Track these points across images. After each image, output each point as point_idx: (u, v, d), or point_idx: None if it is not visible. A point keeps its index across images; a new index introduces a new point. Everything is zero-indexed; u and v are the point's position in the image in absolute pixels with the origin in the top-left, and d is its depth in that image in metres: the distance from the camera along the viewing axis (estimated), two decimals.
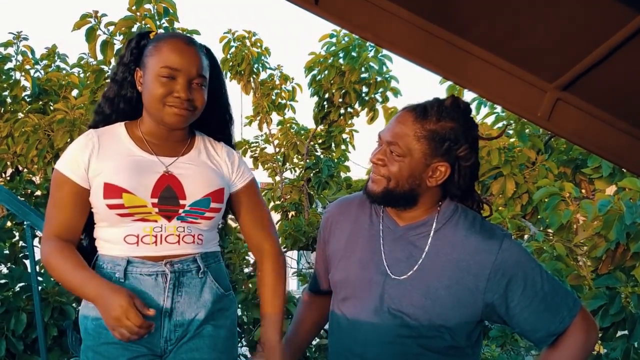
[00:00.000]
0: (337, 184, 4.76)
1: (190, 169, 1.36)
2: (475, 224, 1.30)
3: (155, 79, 1.29)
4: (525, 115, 1.37)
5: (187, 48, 1.31)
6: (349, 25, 1.25)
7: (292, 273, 4.51)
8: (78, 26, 3.14)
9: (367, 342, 1.30)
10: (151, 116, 1.35)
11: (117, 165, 1.31)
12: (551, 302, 1.26)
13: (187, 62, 1.30)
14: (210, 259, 1.40)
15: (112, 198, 1.28)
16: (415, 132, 1.24)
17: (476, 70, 1.26)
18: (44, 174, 3.68)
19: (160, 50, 1.31)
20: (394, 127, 1.27)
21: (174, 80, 1.29)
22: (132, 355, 1.30)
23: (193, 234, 1.35)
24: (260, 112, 4.96)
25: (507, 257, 1.25)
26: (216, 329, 1.38)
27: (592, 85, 1.23)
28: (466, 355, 1.31)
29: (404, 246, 1.31)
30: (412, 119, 1.25)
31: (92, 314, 1.33)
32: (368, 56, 4.16)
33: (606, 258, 2.33)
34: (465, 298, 1.25)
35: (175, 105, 1.30)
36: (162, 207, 1.31)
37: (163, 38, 1.34)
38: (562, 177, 3.38)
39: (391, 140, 1.26)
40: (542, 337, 1.28)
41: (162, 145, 1.37)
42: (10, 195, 2.33)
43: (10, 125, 3.75)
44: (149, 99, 1.31)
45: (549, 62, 1.22)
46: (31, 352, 2.70)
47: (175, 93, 1.29)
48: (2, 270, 2.95)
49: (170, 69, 1.28)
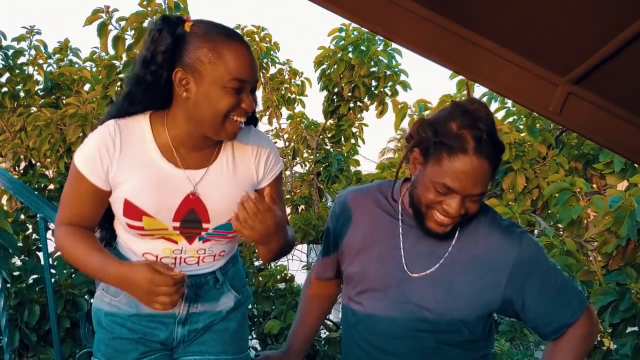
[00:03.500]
0: (347, 177, 4.76)
1: (216, 188, 1.25)
2: (495, 220, 1.33)
3: (222, 90, 1.14)
4: (537, 110, 1.37)
5: (248, 53, 1.18)
6: (358, 19, 1.25)
7: (301, 267, 4.52)
8: (90, 21, 3.16)
9: (385, 335, 1.31)
10: (200, 127, 1.20)
11: (140, 181, 1.20)
12: (563, 295, 1.30)
13: (253, 70, 1.17)
14: (229, 264, 1.38)
15: (132, 219, 1.21)
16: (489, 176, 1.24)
17: (487, 64, 1.25)
18: (57, 167, 3.71)
19: (223, 57, 1.14)
20: (479, 179, 1.21)
21: (240, 92, 1.16)
22: (145, 349, 1.31)
23: (214, 253, 1.32)
24: (270, 107, 4.96)
25: (527, 253, 1.28)
26: (226, 322, 1.38)
27: (604, 79, 1.22)
28: (480, 347, 1.33)
29: (427, 241, 1.31)
30: (489, 168, 1.22)
31: (106, 308, 1.33)
32: (377, 50, 4.14)
33: (617, 254, 2.32)
34: (486, 293, 1.28)
35: (239, 116, 1.18)
36: (185, 230, 1.26)
37: (219, 39, 1.15)
38: (573, 172, 3.36)
39: (482, 192, 1.23)
40: (553, 329, 1.30)
41: (190, 156, 1.25)
42: (24, 188, 2.35)
43: (24, 119, 3.78)
44: (209, 111, 1.15)
45: (561, 56, 1.21)
46: (44, 343, 2.73)
47: (243, 104, 1.17)
48: (16, 262, 2.99)
49: (240, 81, 1.15)
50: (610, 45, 1.11)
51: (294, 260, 4.61)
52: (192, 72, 1.15)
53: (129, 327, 1.31)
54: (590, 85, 1.26)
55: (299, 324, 1.60)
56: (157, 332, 1.32)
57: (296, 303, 3.36)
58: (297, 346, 1.57)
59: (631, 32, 1.06)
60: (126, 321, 1.31)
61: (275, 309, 3.37)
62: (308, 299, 1.61)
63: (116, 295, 1.31)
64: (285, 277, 3.54)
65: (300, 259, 4.75)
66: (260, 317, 3.47)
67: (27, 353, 2.71)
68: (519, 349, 3.80)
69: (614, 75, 1.20)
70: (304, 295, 1.64)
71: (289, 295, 3.41)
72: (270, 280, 3.45)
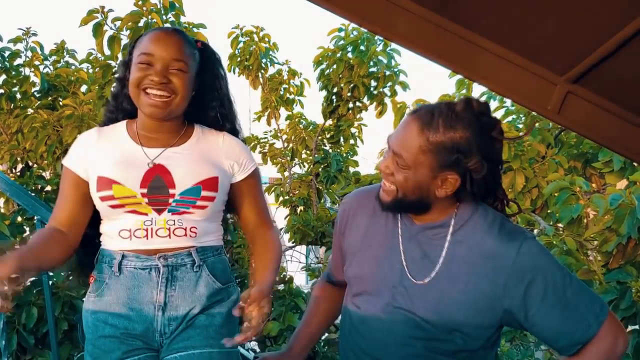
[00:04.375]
0: (346, 178, 4.75)
1: (180, 159, 1.36)
2: (494, 225, 1.22)
3: (135, 66, 1.33)
4: (535, 109, 1.36)
5: (165, 36, 1.34)
6: (358, 18, 1.24)
7: (300, 268, 4.52)
8: (85, 22, 3.15)
9: (377, 340, 1.28)
10: (137, 107, 1.37)
11: (109, 157, 1.34)
12: (574, 308, 1.18)
13: (162, 47, 1.32)
14: (209, 252, 1.39)
15: (103, 190, 1.31)
16: (420, 146, 1.16)
17: (486, 64, 1.24)
18: (54, 169, 3.71)
19: (141, 41, 1.35)
20: (400, 134, 1.20)
21: (151, 67, 1.31)
22: (127, 348, 1.32)
23: (185, 226, 1.35)
24: (269, 107, 4.96)
25: (525, 261, 1.17)
26: (209, 317, 1.37)
27: (602, 78, 1.22)
28: (478, 357, 1.26)
29: (419, 246, 1.27)
30: (418, 129, 1.17)
31: (91, 307, 1.36)
32: (376, 50, 4.15)
33: (617, 252, 2.31)
34: (482, 304, 1.19)
35: (150, 87, 1.31)
36: (152, 197, 1.31)
37: (147, 32, 1.38)
38: (573, 171, 3.36)
39: (396, 150, 1.20)
40: (565, 345, 1.20)
41: (151, 137, 1.38)
42: (21, 190, 2.34)
43: (20, 121, 3.78)
44: (129, 87, 1.34)
45: (559, 55, 1.21)
46: (42, 346, 2.73)
47: (150, 76, 1.31)
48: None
49: (146, 54, 1.31)
50: (608, 44, 1.10)
51: (292, 262, 4.60)
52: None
53: (110, 323, 1.32)
54: (589, 84, 1.25)
55: (303, 324, 1.58)
56: (135, 325, 1.33)
57: (295, 304, 3.36)
58: (298, 347, 1.54)
59: (629, 31, 1.05)
60: (108, 317, 1.33)
61: (274, 311, 3.36)
62: (315, 301, 1.59)
63: (98, 289, 1.35)
64: (284, 278, 3.53)
65: (299, 260, 4.75)
66: None
67: (24, 356, 2.70)
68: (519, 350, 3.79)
69: (613, 74, 1.20)
70: (312, 296, 1.62)
71: (287, 297, 3.40)
72: None
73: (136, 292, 1.32)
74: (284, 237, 4.43)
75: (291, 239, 4.35)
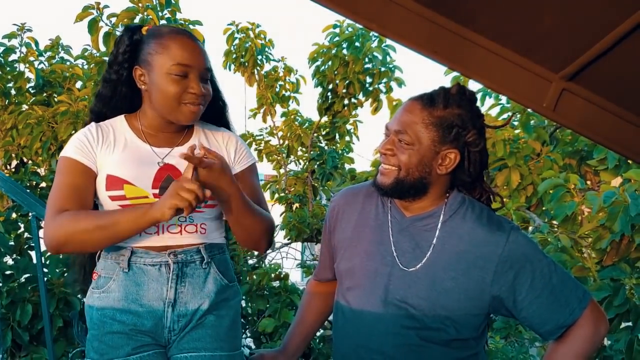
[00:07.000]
0: (342, 175, 4.76)
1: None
2: (482, 216, 1.29)
3: (167, 77, 1.29)
4: (531, 106, 1.36)
5: (194, 43, 1.33)
6: (353, 15, 1.24)
7: (296, 265, 4.52)
8: (80, 18, 3.13)
9: (371, 332, 1.30)
10: (161, 114, 1.35)
11: (119, 156, 1.33)
12: (560, 294, 1.25)
13: (197, 57, 1.31)
14: (215, 250, 1.41)
15: (113, 189, 1.30)
16: (424, 120, 1.24)
17: (481, 61, 1.25)
18: (49, 165, 3.69)
19: (168, 47, 1.30)
20: (401, 115, 1.28)
21: (186, 78, 1.30)
22: (136, 344, 1.31)
23: (195, 223, 1.36)
24: (264, 104, 4.95)
25: (514, 249, 1.24)
26: (219, 319, 1.38)
27: (598, 76, 1.22)
28: (469, 347, 1.30)
29: (410, 237, 1.31)
30: (420, 107, 1.26)
31: (96, 303, 1.34)
32: (372, 46, 4.14)
33: (611, 250, 2.32)
34: (472, 290, 1.25)
35: (191, 102, 1.31)
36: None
37: (166, 35, 1.32)
38: (567, 168, 3.37)
39: (399, 129, 1.26)
40: (550, 329, 1.27)
41: (158, 136, 1.38)
42: (16, 187, 2.33)
43: (15, 117, 3.76)
44: (161, 98, 1.31)
45: (555, 53, 1.21)
46: (37, 342, 2.72)
47: (190, 90, 1.30)
48: (8, 261, 2.97)
49: (183, 66, 1.29)
50: (604, 42, 1.10)
51: (288, 259, 4.60)
52: (145, 66, 1.33)
53: (118, 320, 1.32)
54: (584, 82, 1.26)
55: (296, 322, 1.59)
56: (144, 321, 1.32)
57: (290, 301, 3.36)
58: (293, 345, 1.56)
59: (625, 28, 1.05)
60: (116, 313, 1.32)
61: (269, 307, 3.36)
62: (307, 298, 1.61)
63: (104, 285, 1.34)
64: (280, 275, 3.53)
65: (294, 257, 4.75)
66: (254, 316, 3.46)
67: (19, 352, 2.70)
68: (514, 346, 3.81)
69: (608, 72, 1.20)
70: (304, 294, 1.64)
71: (283, 294, 3.40)
72: (265, 279, 3.45)
73: (146, 289, 1.32)
74: (280, 234, 4.43)
75: (287, 236, 4.35)
